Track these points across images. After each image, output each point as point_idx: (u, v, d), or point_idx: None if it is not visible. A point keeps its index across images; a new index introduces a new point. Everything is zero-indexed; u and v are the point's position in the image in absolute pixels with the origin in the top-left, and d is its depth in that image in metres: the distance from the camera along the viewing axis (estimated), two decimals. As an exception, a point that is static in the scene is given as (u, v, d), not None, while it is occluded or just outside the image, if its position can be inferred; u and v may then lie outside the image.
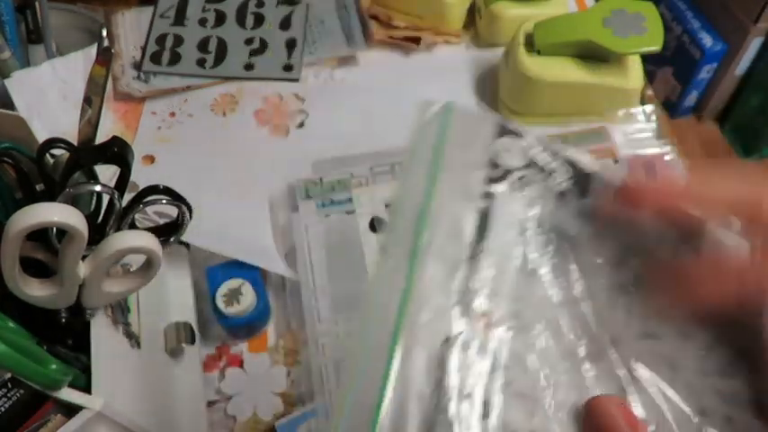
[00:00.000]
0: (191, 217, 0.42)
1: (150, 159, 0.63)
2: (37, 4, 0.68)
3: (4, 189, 0.42)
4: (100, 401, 0.36)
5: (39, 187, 0.41)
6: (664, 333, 0.29)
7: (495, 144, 0.32)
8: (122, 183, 0.39)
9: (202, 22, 0.72)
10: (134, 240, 0.37)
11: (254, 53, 0.70)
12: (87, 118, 0.65)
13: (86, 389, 0.37)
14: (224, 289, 0.51)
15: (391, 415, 0.25)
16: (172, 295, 0.53)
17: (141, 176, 0.59)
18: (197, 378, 0.51)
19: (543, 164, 0.31)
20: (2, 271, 0.34)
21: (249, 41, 0.71)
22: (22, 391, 0.34)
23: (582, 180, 0.31)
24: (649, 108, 0.65)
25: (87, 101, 0.67)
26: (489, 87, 0.68)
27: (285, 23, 0.72)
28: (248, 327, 0.52)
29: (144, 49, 0.70)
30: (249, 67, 0.69)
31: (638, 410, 0.27)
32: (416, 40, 0.71)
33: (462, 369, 0.27)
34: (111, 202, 0.39)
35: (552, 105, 0.63)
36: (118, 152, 0.38)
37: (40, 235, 0.36)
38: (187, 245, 0.56)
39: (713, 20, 1.40)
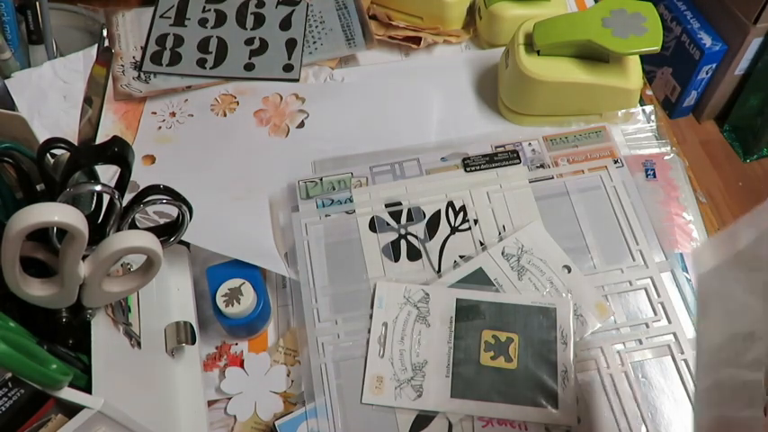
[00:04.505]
0: (191, 217, 0.42)
1: (150, 159, 0.63)
2: (37, 4, 0.68)
3: (5, 189, 0.42)
4: (100, 401, 0.36)
5: (39, 187, 0.41)
6: None
7: None
8: (123, 183, 0.39)
9: (203, 22, 0.72)
10: (134, 240, 0.37)
11: (254, 53, 0.70)
12: (87, 118, 0.66)
13: (87, 389, 0.37)
14: (224, 289, 0.51)
15: None
16: (172, 295, 0.53)
17: (141, 176, 0.59)
18: (197, 378, 0.51)
19: None
20: (2, 271, 0.34)
21: (249, 41, 0.71)
22: (22, 391, 0.34)
23: None
24: (649, 108, 0.65)
25: (87, 101, 0.67)
26: (489, 87, 0.68)
27: (285, 23, 0.72)
28: (248, 327, 0.52)
29: (144, 50, 0.70)
30: (249, 67, 0.69)
31: None
32: (416, 40, 0.71)
33: None
34: (111, 202, 0.39)
35: (552, 105, 0.63)
36: (118, 152, 0.38)
37: (40, 235, 0.36)
38: (187, 245, 0.56)
39: (713, 20, 1.40)
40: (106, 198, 0.39)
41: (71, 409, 0.35)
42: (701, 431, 0.37)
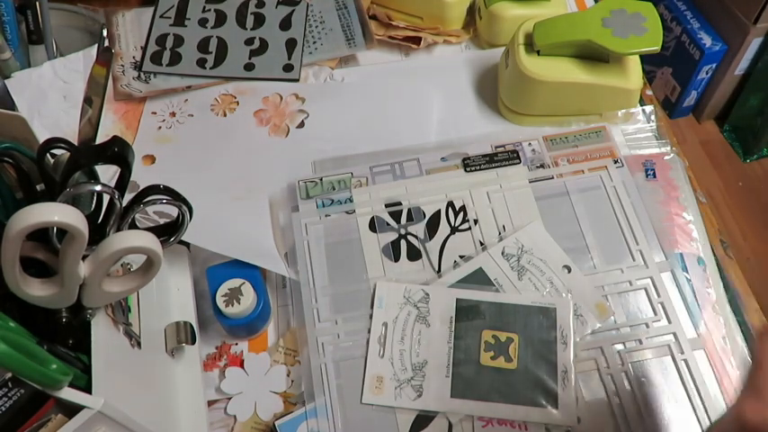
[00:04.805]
0: (191, 217, 0.42)
1: (150, 159, 0.63)
2: (37, 4, 0.68)
3: (5, 189, 0.42)
4: (100, 401, 0.36)
5: (39, 187, 0.41)
6: None
7: None
8: (123, 183, 0.40)
9: (203, 22, 0.72)
10: (134, 240, 0.37)
11: (254, 53, 0.70)
12: (87, 118, 0.66)
13: (87, 389, 0.37)
14: (224, 289, 0.51)
15: None
16: (172, 295, 0.53)
17: (141, 176, 0.59)
18: (197, 378, 0.51)
19: None
20: (2, 271, 0.34)
21: (249, 41, 0.71)
22: (22, 391, 0.34)
23: None
24: (649, 108, 0.65)
25: (87, 101, 0.67)
26: (489, 87, 0.68)
27: (285, 23, 0.72)
28: (248, 327, 0.52)
29: (144, 50, 0.70)
30: (249, 67, 0.69)
31: None
32: (416, 40, 0.71)
33: None
34: (111, 202, 0.39)
35: (552, 105, 0.63)
36: (118, 152, 0.38)
37: (40, 235, 0.36)
38: (187, 245, 0.56)
39: (713, 20, 1.40)
40: (106, 198, 0.39)
41: (71, 409, 0.35)
42: None
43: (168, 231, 0.43)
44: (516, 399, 0.49)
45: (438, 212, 0.58)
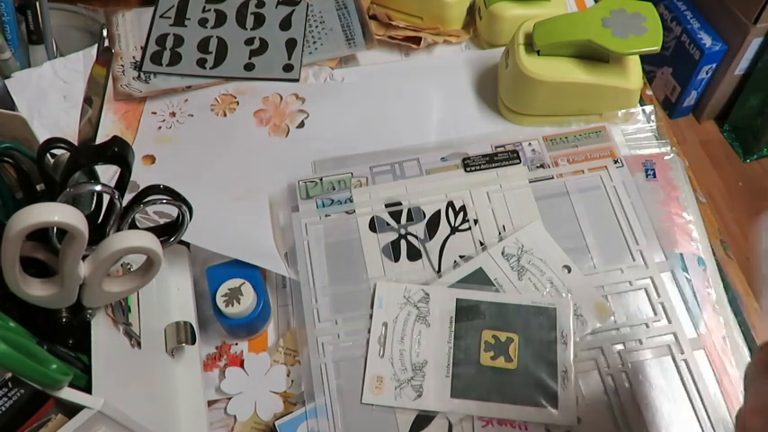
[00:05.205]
0: (191, 217, 0.42)
1: (150, 159, 0.63)
2: (37, 4, 0.68)
3: (5, 189, 0.42)
4: (100, 401, 0.36)
5: (39, 187, 0.41)
6: None
7: None
8: (123, 183, 0.40)
9: (203, 22, 0.72)
10: (134, 240, 0.37)
11: (254, 53, 0.70)
12: (87, 118, 0.66)
13: (87, 389, 0.37)
14: (224, 289, 0.51)
15: None
16: (172, 295, 0.53)
17: (141, 176, 0.59)
18: (197, 378, 0.51)
19: None
20: (2, 271, 0.34)
21: (249, 41, 0.71)
22: (22, 391, 0.34)
23: None
24: (649, 108, 0.65)
25: (87, 101, 0.67)
26: (489, 87, 0.68)
27: (285, 23, 0.72)
28: (248, 327, 0.52)
29: (144, 50, 0.70)
30: (249, 67, 0.69)
31: None
32: (416, 40, 0.71)
33: None
34: (111, 202, 0.39)
35: (552, 105, 0.63)
36: (118, 152, 0.38)
37: (40, 235, 0.36)
38: (187, 245, 0.56)
39: (713, 20, 1.40)
40: (106, 198, 0.39)
41: (71, 409, 0.35)
42: None
43: (168, 231, 0.43)
44: (516, 399, 0.49)
45: (438, 212, 0.58)
